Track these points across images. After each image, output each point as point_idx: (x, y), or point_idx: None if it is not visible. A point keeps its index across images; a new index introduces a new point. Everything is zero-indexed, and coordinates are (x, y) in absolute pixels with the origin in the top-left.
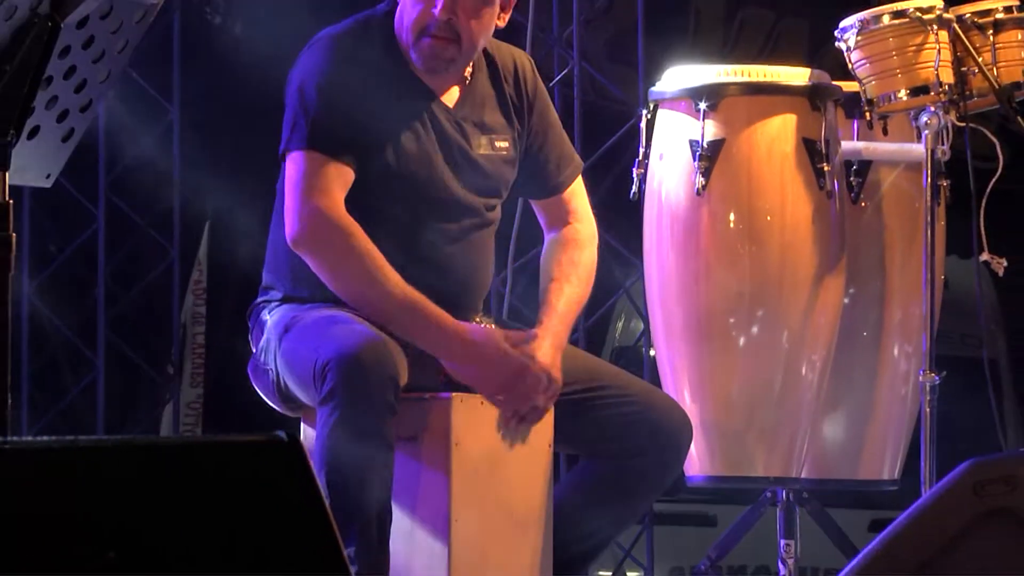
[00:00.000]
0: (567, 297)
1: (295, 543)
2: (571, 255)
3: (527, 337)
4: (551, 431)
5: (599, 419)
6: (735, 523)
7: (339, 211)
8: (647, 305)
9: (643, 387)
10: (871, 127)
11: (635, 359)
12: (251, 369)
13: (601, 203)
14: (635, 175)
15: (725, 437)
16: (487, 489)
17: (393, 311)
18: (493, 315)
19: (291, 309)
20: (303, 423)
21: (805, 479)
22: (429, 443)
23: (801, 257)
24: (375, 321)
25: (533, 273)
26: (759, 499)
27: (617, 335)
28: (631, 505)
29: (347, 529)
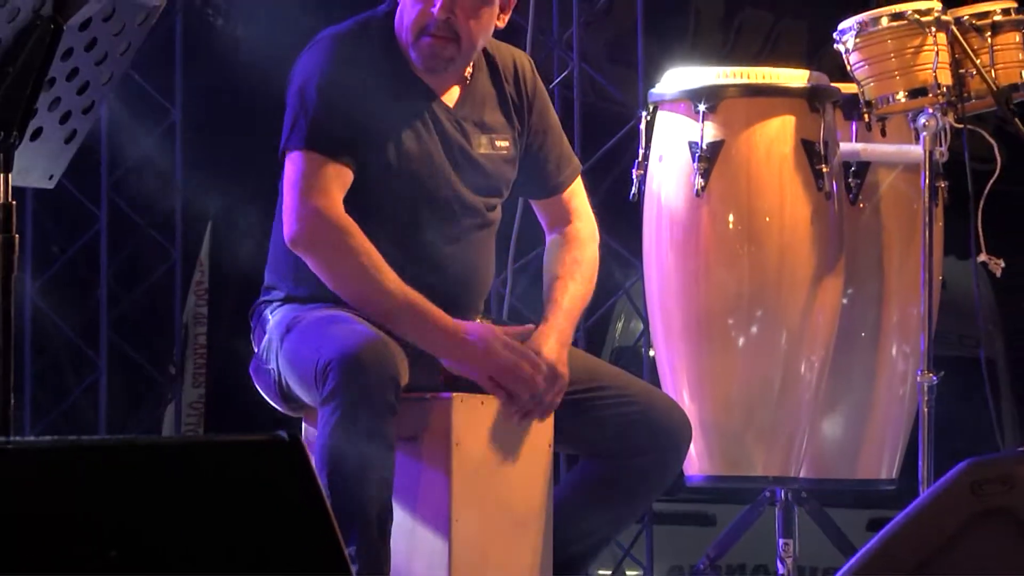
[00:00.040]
0: (571, 294)
1: (296, 542)
2: (574, 253)
3: (524, 332)
4: (551, 431)
5: (599, 419)
6: (734, 522)
7: (337, 211)
8: (646, 306)
9: (643, 387)
10: (869, 128)
11: (635, 359)
12: (253, 369)
13: (601, 204)
14: (635, 176)
15: (724, 437)
16: (487, 489)
17: (391, 310)
18: (493, 316)
19: (293, 309)
20: (304, 423)
21: (804, 479)
22: (430, 443)
23: (800, 258)
24: (374, 320)
25: (533, 274)
26: (758, 498)
27: (617, 335)
28: (631, 505)
29: (348, 528)
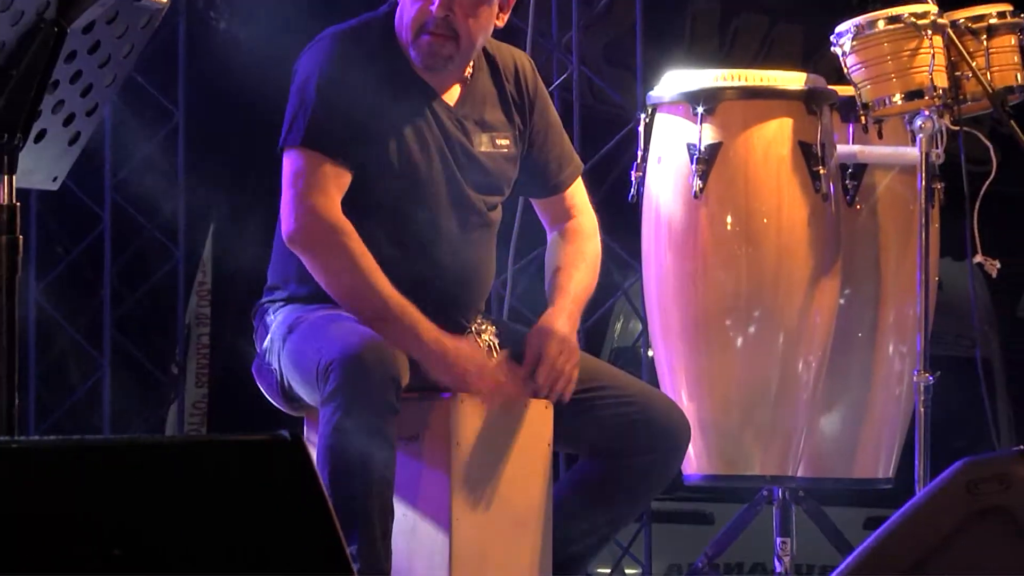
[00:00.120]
0: (576, 281)
1: (298, 541)
2: (577, 246)
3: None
4: (551, 431)
5: (598, 419)
6: (732, 521)
7: (334, 211)
8: (645, 306)
9: (642, 387)
10: (866, 131)
11: (633, 360)
12: (255, 369)
13: (600, 206)
14: (633, 178)
15: (722, 436)
16: (487, 489)
17: (378, 314)
18: (493, 315)
19: (295, 309)
20: (306, 422)
21: (801, 478)
22: (430, 443)
23: (797, 259)
24: (361, 321)
25: (533, 275)
26: (756, 497)
27: (616, 336)
28: (630, 504)
29: (349, 528)
